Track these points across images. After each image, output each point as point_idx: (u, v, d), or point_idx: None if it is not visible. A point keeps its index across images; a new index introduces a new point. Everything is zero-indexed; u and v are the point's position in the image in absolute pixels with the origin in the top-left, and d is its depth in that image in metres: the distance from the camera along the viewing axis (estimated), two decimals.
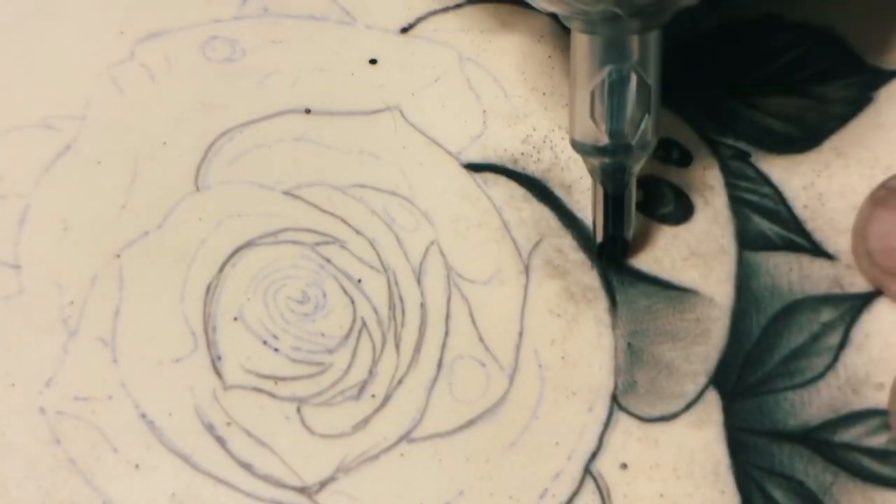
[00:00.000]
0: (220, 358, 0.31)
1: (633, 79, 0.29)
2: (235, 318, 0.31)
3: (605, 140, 0.30)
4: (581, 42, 0.29)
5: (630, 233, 0.32)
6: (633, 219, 0.32)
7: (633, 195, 0.31)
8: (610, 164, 0.30)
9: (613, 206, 0.31)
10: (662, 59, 0.29)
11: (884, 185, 0.32)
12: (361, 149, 0.34)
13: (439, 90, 0.35)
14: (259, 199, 0.33)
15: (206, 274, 0.32)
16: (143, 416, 0.30)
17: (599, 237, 0.32)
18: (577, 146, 0.31)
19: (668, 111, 0.34)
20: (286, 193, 0.33)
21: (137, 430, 0.30)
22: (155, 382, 0.31)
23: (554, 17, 0.34)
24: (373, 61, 0.35)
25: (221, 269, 0.32)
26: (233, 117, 0.34)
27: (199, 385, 0.31)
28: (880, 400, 0.30)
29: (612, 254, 0.32)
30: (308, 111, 0.35)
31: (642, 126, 0.30)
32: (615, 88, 0.29)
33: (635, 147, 0.30)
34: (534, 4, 0.29)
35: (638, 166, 0.31)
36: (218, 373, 0.31)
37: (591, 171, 0.31)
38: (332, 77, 0.35)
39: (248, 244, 0.32)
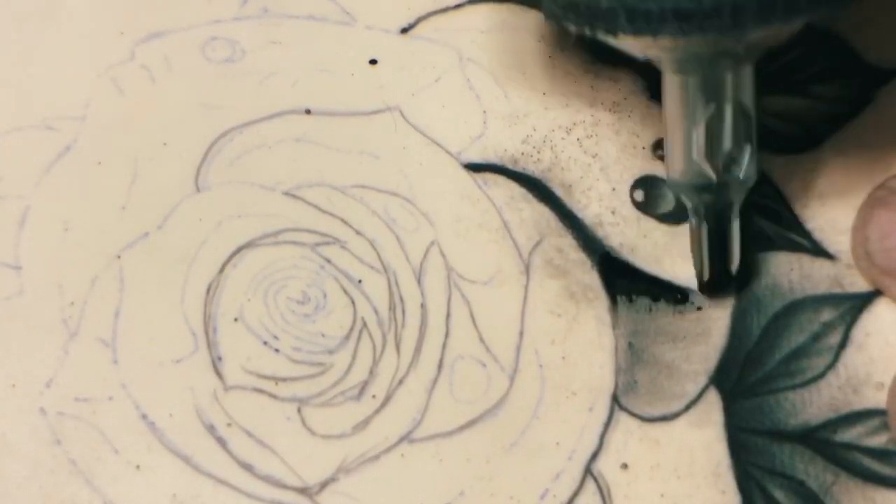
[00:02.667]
0: (220, 358, 0.31)
1: (735, 113, 0.28)
2: (236, 319, 0.31)
3: (710, 178, 0.29)
4: (676, 83, 0.29)
5: (735, 267, 0.31)
6: (738, 253, 0.31)
7: (737, 230, 0.31)
8: (716, 202, 0.30)
9: (718, 242, 0.31)
10: (758, 91, 0.29)
11: (883, 185, 0.32)
12: (361, 149, 0.34)
13: (439, 90, 0.35)
14: (259, 199, 0.33)
15: (207, 274, 0.32)
16: (144, 416, 0.30)
17: (706, 275, 0.31)
18: (679, 187, 0.30)
19: None
20: (286, 194, 0.33)
21: (138, 431, 0.30)
22: (155, 383, 0.31)
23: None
24: (373, 61, 0.35)
25: (222, 270, 0.32)
26: (233, 118, 0.34)
27: (200, 386, 0.31)
28: (880, 400, 0.30)
29: (718, 289, 0.31)
30: (308, 112, 0.35)
31: (746, 159, 0.29)
32: (718, 125, 0.28)
33: (741, 182, 0.29)
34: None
35: (741, 200, 0.30)
36: (218, 373, 0.31)
37: (691, 210, 0.31)
38: (332, 77, 0.35)
39: (249, 245, 0.32)
